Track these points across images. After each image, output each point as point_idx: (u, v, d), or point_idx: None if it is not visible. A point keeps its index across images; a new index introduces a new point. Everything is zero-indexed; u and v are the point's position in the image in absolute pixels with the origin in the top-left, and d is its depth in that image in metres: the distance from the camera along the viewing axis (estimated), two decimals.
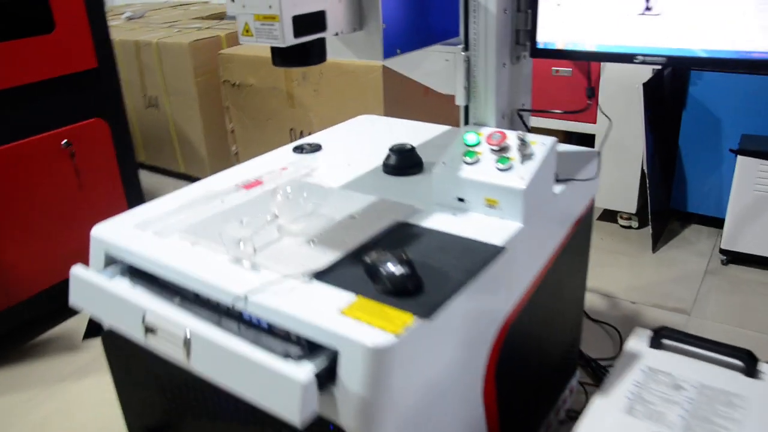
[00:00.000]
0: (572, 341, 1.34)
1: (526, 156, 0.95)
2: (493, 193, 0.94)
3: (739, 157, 1.90)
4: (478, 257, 0.85)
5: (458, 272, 0.81)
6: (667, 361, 1.09)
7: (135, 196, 2.00)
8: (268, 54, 0.84)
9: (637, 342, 1.14)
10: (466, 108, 1.05)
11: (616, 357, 1.57)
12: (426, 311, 0.73)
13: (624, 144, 2.15)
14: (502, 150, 0.97)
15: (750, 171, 1.89)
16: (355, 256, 0.85)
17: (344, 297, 0.77)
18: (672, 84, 2.20)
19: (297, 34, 0.78)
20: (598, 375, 1.58)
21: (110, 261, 0.97)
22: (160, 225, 0.97)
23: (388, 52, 0.91)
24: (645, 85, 1.95)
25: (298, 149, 1.28)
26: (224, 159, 2.86)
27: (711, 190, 2.21)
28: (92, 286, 0.90)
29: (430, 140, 1.30)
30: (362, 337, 0.69)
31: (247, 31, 0.80)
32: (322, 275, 0.81)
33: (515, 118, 1.08)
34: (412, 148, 1.14)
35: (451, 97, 1.07)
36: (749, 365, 1.04)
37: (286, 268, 0.82)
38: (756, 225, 1.93)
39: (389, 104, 2.05)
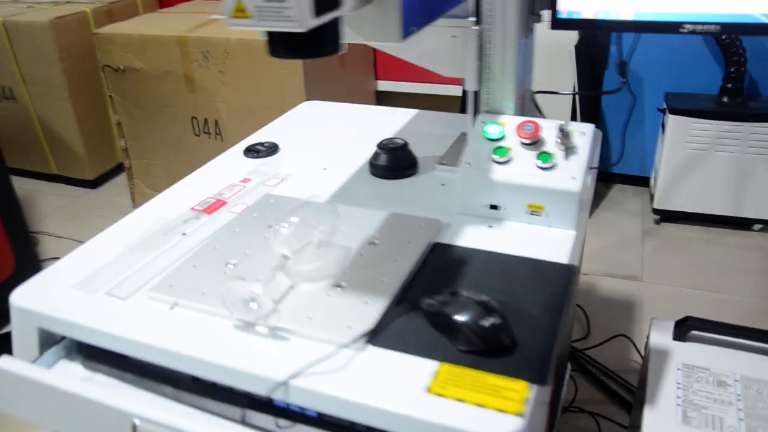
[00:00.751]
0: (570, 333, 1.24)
1: (569, 149, 0.80)
2: (538, 198, 0.78)
3: (671, 117, 1.90)
4: (554, 283, 0.69)
5: (543, 309, 0.65)
6: (700, 355, 1.01)
7: (12, 210, 1.64)
8: (158, 31, 0.63)
9: (660, 336, 1.05)
10: (475, 93, 0.88)
11: (601, 343, 1.52)
12: (538, 374, 0.56)
13: (548, 110, 2.08)
14: (535, 143, 0.81)
15: (681, 129, 1.90)
16: (406, 300, 0.66)
17: (421, 366, 0.58)
18: (592, 45, 2.16)
19: (318, 13, 0.56)
20: (576, 359, 1.51)
21: (47, 339, 0.70)
22: (111, 281, 0.71)
23: (407, 31, 0.71)
24: (576, 47, 1.88)
25: (251, 152, 1.04)
26: (109, 156, 2.47)
27: (634, 150, 2.22)
28: (33, 386, 0.64)
29: (412, 131, 1.12)
30: (480, 428, 0.51)
31: (241, 11, 0.56)
32: (376, 336, 0.61)
33: (527, 103, 0.92)
34: (405, 144, 0.95)
35: (368, 72, 0.88)
36: None
37: (324, 332, 0.61)
38: (688, 182, 1.95)
39: (310, 84, 1.82)
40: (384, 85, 2.50)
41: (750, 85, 2.00)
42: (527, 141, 0.81)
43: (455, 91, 2.44)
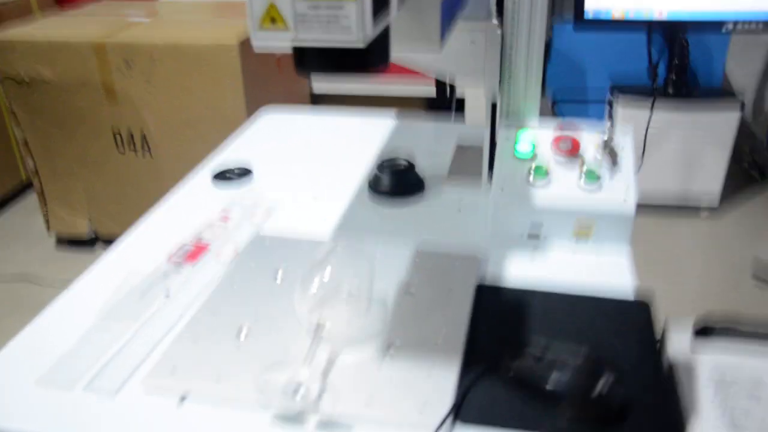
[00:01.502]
0: None
1: (612, 161, 0.71)
2: (587, 223, 0.69)
3: (620, 109, 1.88)
4: (631, 324, 0.59)
5: (635, 359, 0.55)
6: (727, 364, 0.96)
7: None
8: (69, 36, 0.55)
9: (678, 341, 1.00)
10: (494, 106, 0.77)
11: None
12: None
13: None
14: (573, 159, 0.72)
15: (628, 121, 1.88)
16: (474, 362, 0.54)
17: None
18: None
19: (375, 20, 0.43)
20: None
21: None
22: (87, 370, 0.55)
23: (443, 37, 0.59)
24: None
25: (221, 178, 0.89)
26: (12, 178, 2.18)
27: None
28: None
29: (398, 142, 0.99)
30: None
31: (273, 20, 0.42)
32: (461, 412, 0.49)
33: (545, 110, 0.83)
34: (412, 166, 0.83)
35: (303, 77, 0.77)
36: None
37: (397, 414, 0.49)
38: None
39: (249, 90, 1.65)
40: (320, 88, 2.36)
41: (692, 76, 2.02)
42: (564, 158, 0.71)
43: (400, 91, 2.33)
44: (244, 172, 0.90)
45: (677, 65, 1.92)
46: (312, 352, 0.52)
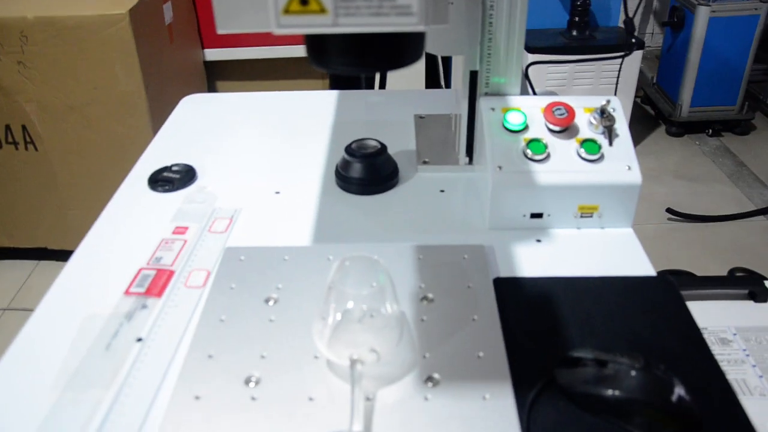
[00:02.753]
0: None
1: (608, 131, 0.66)
2: (592, 197, 0.65)
3: (528, 55, 1.88)
4: (662, 305, 0.56)
5: (681, 347, 0.52)
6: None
7: None
8: None
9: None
10: (473, 74, 0.70)
11: None
12: None
13: None
14: (566, 129, 0.66)
15: (538, 69, 1.89)
16: (522, 376, 0.48)
17: None
18: None
19: None
20: None
21: None
22: None
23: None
24: None
25: (160, 183, 0.76)
26: None
27: None
28: None
29: (350, 119, 0.90)
30: None
31: (305, 1, 0.32)
32: None
33: (522, 79, 0.77)
34: (383, 148, 0.75)
35: (195, 42, 0.69)
36: (759, 291, 0.99)
37: None
38: None
39: (145, 66, 1.47)
40: (212, 54, 2.16)
41: (592, 17, 2.05)
42: (558, 128, 0.66)
43: (300, 51, 2.19)
44: (186, 172, 0.77)
45: (579, 6, 1.93)
46: (358, 403, 0.44)
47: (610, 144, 0.66)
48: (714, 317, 0.91)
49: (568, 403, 0.46)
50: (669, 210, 1.91)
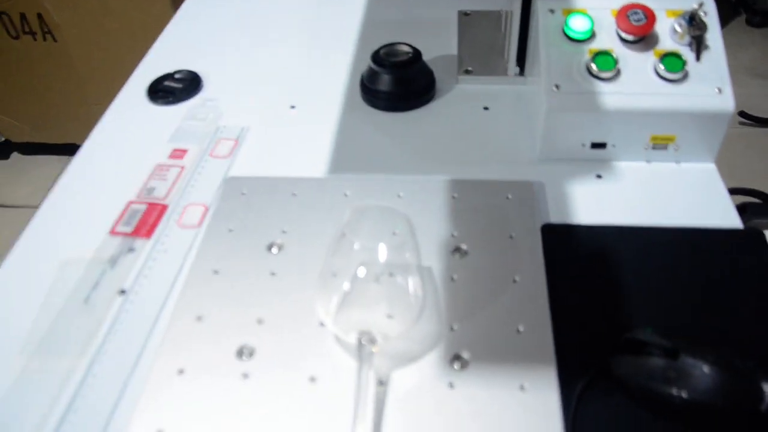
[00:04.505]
0: None
1: (696, 42, 0.52)
2: (670, 126, 0.52)
3: None
4: (752, 266, 0.45)
5: None
6: None
7: None
8: None
9: None
10: None
11: None
12: None
13: None
14: (643, 39, 0.53)
15: None
16: (568, 359, 0.40)
17: None
18: None
19: None
20: None
21: None
22: None
23: None
24: None
25: (161, 94, 0.66)
26: None
27: None
28: None
29: (372, 18, 0.77)
30: None
31: None
32: None
33: None
34: (418, 55, 0.62)
35: None
36: None
37: None
38: None
39: None
40: None
41: None
42: (633, 38, 0.52)
43: None
44: (191, 80, 0.67)
45: None
46: (364, 386, 0.36)
47: (698, 59, 0.52)
48: None
49: (625, 399, 0.38)
50: (741, 113, 1.72)
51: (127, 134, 0.61)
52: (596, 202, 0.51)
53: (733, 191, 0.56)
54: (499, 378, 0.39)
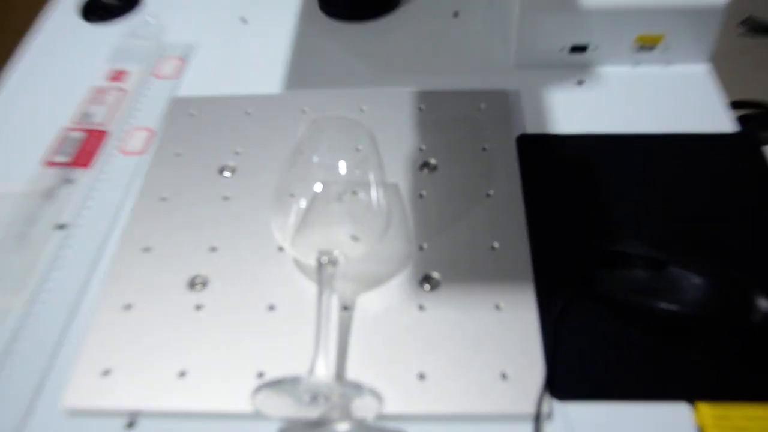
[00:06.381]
0: None
1: None
2: (657, 23, 0.48)
3: None
4: (748, 176, 0.42)
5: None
6: None
7: None
8: None
9: None
10: None
11: None
12: None
13: None
14: None
15: None
16: (545, 283, 0.37)
17: (658, 414, 0.32)
18: None
19: None
20: None
21: None
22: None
23: None
24: None
25: (97, 12, 0.60)
26: None
27: None
28: None
29: None
30: None
31: None
32: (557, 383, 0.33)
33: None
34: None
35: None
36: None
37: (468, 405, 0.32)
38: None
39: None
40: None
41: None
42: None
43: None
44: None
45: None
46: (325, 314, 0.33)
47: None
48: None
49: (610, 315, 0.35)
50: (749, 20, 1.63)
51: (58, 56, 0.56)
52: (577, 111, 0.47)
53: (736, 104, 0.52)
54: (473, 298, 0.36)
